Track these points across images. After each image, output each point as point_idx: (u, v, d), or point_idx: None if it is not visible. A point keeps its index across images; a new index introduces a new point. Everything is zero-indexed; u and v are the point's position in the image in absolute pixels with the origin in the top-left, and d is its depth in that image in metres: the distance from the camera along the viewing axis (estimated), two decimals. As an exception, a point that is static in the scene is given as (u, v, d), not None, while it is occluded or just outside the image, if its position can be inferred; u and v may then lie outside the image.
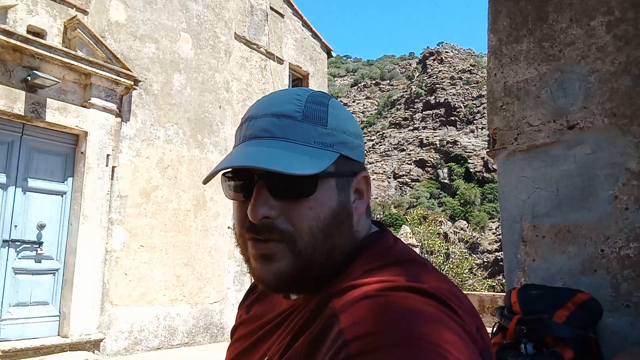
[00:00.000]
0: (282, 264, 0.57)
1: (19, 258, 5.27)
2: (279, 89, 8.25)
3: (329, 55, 10.97)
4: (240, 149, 0.58)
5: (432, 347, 0.43)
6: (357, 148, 0.62)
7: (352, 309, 0.49)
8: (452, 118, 58.87)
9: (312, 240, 0.56)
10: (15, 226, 5.27)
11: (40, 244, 5.41)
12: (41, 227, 5.46)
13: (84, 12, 6.07)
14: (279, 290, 0.60)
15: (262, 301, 0.72)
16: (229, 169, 0.59)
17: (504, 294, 2.15)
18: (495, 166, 2.43)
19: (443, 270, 16.33)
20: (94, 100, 5.89)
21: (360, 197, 0.62)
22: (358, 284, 0.53)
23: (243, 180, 0.59)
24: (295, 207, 0.56)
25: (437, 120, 59.82)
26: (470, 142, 54.71)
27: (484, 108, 52.48)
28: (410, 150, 58.69)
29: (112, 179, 6.10)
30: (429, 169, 55.93)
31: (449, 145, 55.49)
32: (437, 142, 56.42)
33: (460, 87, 61.16)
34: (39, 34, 5.54)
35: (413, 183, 55.10)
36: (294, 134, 0.58)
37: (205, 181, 0.62)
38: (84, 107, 5.83)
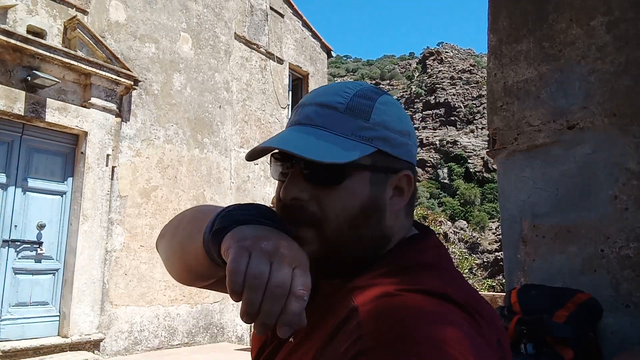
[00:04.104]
0: (310, 248, 0.58)
1: (19, 258, 5.28)
2: (278, 89, 8.17)
3: (329, 55, 10.97)
4: (283, 133, 0.61)
5: (442, 346, 0.44)
6: (401, 146, 0.61)
7: (371, 305, 0.51)
8: (452, 118, 58.79)
9: (338, 228, 0.58)
10: (15, 226, 5.27)
11: (40, 244, 5.41)
12: (41, 227, 5.46)
13: (84, 12, 6.07)
14: None
15: None
16: (276, 151, 0.61)
17: (504, 294, 2.15)
18: (495, 166, 2.42)
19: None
20: (93, 100, 5.89)
21: (399, 194, 0.61)
22: (382, 282, 0.55)
23: (285, 163, 0.62)
24: (326, 194, 0.58)
25: (437, 120, 59.74)
26: (470, 142, 54.65)
27: (484, 108, 52.45)
28: (411, 150, 58.42)
29: (112, 179, 6.11)
30: (429, 169, 55.86)
31: (449, 145, 55.43)
32: (437, 142, 56.36)
33: (460, 87, 61.10)
34: (39, 34, 5.54)
35: (413, 183, 54.87)
36: (332, 124, 0.59)
37: (249, 158, 0.64)
38: (84, 107, 5.83)
